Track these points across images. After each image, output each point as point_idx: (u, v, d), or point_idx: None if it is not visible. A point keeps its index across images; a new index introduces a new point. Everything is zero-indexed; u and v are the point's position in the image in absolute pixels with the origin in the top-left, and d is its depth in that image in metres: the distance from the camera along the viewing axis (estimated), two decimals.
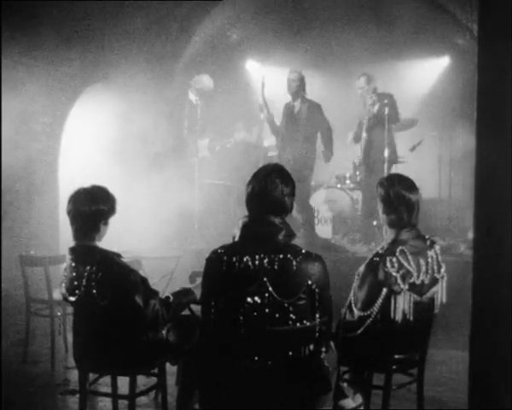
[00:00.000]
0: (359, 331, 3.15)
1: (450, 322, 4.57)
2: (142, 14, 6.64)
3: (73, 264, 3.20)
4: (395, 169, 7.24)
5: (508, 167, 1.76)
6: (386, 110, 6.79)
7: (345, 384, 3.43)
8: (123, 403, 3.66)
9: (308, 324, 2.65)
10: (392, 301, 3.07)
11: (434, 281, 3.20)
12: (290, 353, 2.63)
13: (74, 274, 3.18)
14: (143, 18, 6.77)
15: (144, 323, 3.17)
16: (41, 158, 6.01)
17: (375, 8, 8.48)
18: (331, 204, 7.52)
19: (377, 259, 3.12)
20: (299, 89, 7.00)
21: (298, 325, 2.62)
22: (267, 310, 2.59)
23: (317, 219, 7.55)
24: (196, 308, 3.12)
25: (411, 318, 3.10)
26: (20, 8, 5.21)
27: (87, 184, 3.30)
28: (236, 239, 2.74)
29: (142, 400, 4.00)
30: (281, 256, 2.60)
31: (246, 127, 8.25)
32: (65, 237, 5.46)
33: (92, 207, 3.19)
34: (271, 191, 2.69)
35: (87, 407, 3.42)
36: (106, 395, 3.75)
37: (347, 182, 7.91)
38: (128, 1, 6.21)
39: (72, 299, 3.22)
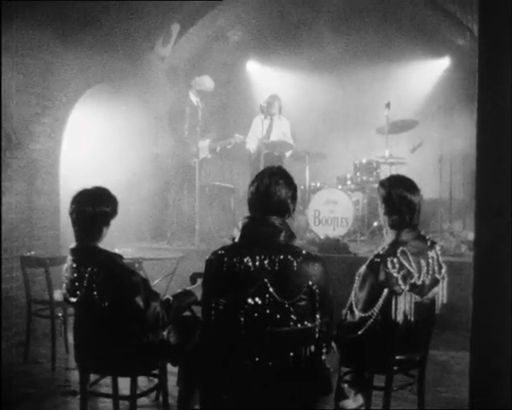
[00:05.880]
0: (360, 332, 3.14)
1: (450, 322, 4.58)
2: (142, 14, 6.64)
3: (74, 265, 3.20)
4: (396, 170, 7.25)
5: (508, 168, 1.76)
6: None
7: (346, 385, 3.43)
8: (124, 404, 3.66)
9: (309, 325, 2.66)
10: (393, 302, 3.07)
11: (435, 282, 3.20)
12: (291, 354, 2.63)
13: (75, 275, 3.18)
14: (144, 19, 6.77)
15: (145, 325, 3.17)
16: (42, 159, 6.01)
17: (375, 10, 8.48)
18: (332, 205, 7.53)
19: (378, 259, 3.11)
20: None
21: (299, 325, 2.63)
22: (268, 311, 2.59)
23: (318, 220, 7.56)
24: (197, 309, 3.12)
25: (412, 318, 3.10)
26: (21, 8, 5.21)
27: (88, 185, 3.31)
28: (236, 240, 2.74)
29: (143, 401, 4.00)
30: (281, 257, 2.60)
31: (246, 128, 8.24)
32: (66, 238, 5.47)
33: (95, 209, 3.19)
34: (276, 192, 2.70)
35: (88, 408, 3.42)
36: (107, 396, 3.75)
37: (348, 183, 7.93)
38: (129, 1, 6.20)
39: (73, 300, 3.22)
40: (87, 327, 3.26)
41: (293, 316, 2.61)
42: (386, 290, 3.07)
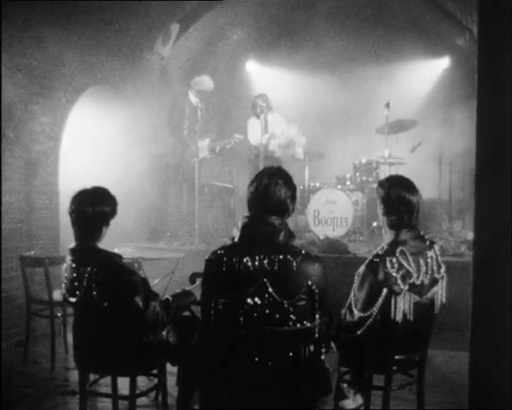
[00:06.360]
0: (359, 332, 3.14)
1: (449, 322, 4.57)
2: (142, 14, 6.64)
3: (74, 265, 3.19)
4: (395, 170, 7.26)
5: (508, 168, 1.76)
6: None
7: (345, 385, 3.43)
8: (123, 404, 3.66)
9: (308, 324, 2.65)
10: (393, 302, 3.07)
11: (434, 281, 3.20)
12: (290, 354, 2.63)
13: (75, 275, 3.18)
14: (143, 18, 6.76)
15: (144, 325, 3.17)
16: (41, 159, 6.01)
17: (375, 9, 8.48)
18: (331, 205, 7.53)
19: (377, 259, 3.11)
20: None
21: (298, 325, 2.62)
22: (267, 311, 2.59)
23: (318, 220, 7.56)
24: (196, 309, 3.12)
25: (411, 318, 3.10)
26: (21, 8, 5.21)
27: (88, 185, 3.31)
28: (236, 240, 2.74)
29: (143, 400, 4.00)
30: (281, 257, 2.60)
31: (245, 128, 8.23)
32: (65, 237, 5.47)
33: (95, 209, 3.19)
34: (275, 192, 2.70)
35: (87, 408, 3.42)
36: (106, 395, 3.75)
37: (348, 183, 7.94)
38: (128, 1, 6.20)
39: (73, 300, 3.22)
40: (86, 327, 3.26)
41: (292, 316, 2.61)
42: (385, 290, 3.07)
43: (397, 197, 3.20)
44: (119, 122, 7.01)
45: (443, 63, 9.00)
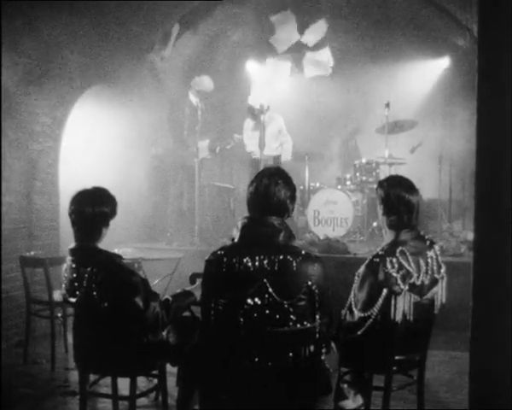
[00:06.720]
0: (360, 332, 3.14)
1: (450, 322, 4.57)
2: (142, 14, 6.64)
3: (74, 265, 3.20)
4: (395, 170, 7.26)
5: (508, 168, 1.76)
6: None
7: (345, 385, 3.43)
8: (123, 404, 3.67)
9: (308, 325, 2.65)
10: (393, 302, 3.07)
11: (434, 281, 3.20)
12: (290, 354, 2.63)
13: (75, 275, 3.18)
14: (144, 18, 6.76)
15: (144, 325, 3.17)
16: (41, 159, 6.01)
17: (375, 10, 8.48)
18: (331, 205, 7.53)
19: (377, 260, 3.11)
20: None
21: (298, 326, 2.63)
22: (267, 311, 2.59)
23: (318, 220, 7.56)
24: (196, 309, 3.12)
25: (411, 318, 3.10)
26: (21, 8, 5.21)
27: (88, 185, 3.31)
28: (236, 240, 2.74)
29: (143, 401, 4.00)
30: (281, 257, 2.60)
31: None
32: (65, 238, 5.47)
33: (95, 209, 3.19)
34: (275, 192, 2.70)
35: (87, 409, 3.42)
36: (106, 396, 3.75)
37: (348, 183, 7.94)
38: (128, 1, 6.20)
39: (73, 300, 3.22)
40: (86, 327, 3.26)
41: (292, 316, 2.61)
42: (385, 290, 3.07)
43: (396, 197, 3.20)
44: (119, 122, 7.01)
45: (443, 63, 8.99)
